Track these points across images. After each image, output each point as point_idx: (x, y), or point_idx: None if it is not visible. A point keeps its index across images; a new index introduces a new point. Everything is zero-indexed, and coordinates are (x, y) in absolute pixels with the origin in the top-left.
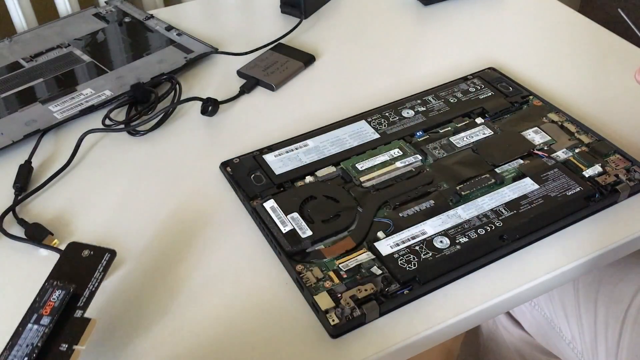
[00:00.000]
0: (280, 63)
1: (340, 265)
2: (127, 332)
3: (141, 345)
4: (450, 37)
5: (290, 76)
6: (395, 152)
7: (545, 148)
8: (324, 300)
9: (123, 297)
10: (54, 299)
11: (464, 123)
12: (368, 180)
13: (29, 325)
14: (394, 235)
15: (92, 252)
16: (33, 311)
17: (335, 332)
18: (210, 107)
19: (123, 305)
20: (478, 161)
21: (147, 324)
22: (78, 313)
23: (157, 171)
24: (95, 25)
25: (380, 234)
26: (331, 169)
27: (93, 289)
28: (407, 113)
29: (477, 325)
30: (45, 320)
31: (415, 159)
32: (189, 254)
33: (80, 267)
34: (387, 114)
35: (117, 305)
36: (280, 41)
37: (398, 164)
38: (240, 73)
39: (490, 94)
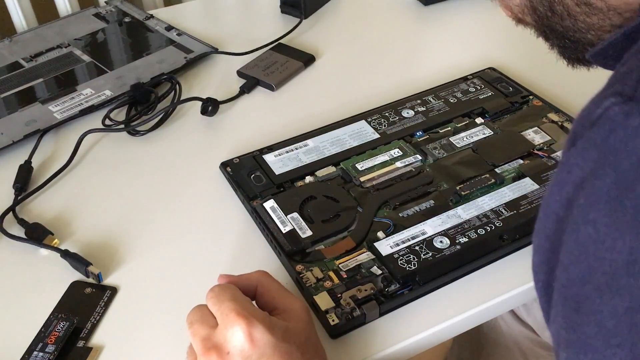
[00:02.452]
0: (280, 63)
1: (340, 265)
2: (130, 332)
3: (145, 345)
4: (450, 37)
5: (290, 76)
6: (395, 152)
7: (545, 148)
8: (323, 300)
9: (124, 298)
10: (59, 329)
11: (464, 123)
12: (368, 180)
13: (35, 352)
14: (394, 235)
15: (94, 290)
16: (39, 340)
17: (335, 332)
18: (210, 107)
19: (123, 305)
20: (478, 161)
21: (148, 323)
22: (80, 343)
23: (157, 171)
24: (95, 25)
25: (380, 234)
26: (331, 169)
27: (95, 321)
28: (407, 113)
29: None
30: (50, 348)
31: (415, 159)
32: (188, 254)
33: (83, 303)
34: (387, 114)
35: (117, 306)
36: (280, 41)
37: (398, 164)
38: (240, 73)
39: (490, 94)
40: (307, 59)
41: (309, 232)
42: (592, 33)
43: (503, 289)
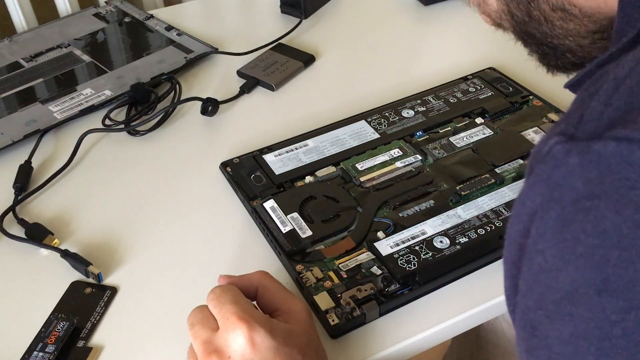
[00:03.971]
0: (280, 63)
1: (340, 265)
2: (130, 332)
3: (145, 345)
4: (450, 37)
5: (290, 76)
6: (395, 152)
7: None
8: (323, 300)
9: (124, 298)
10: (59, 329)
11: (464, 123)
12: (368, 180)
13: (35, 352)
14: (394, 235)
15: (94, 290)
16: (39, 340)
17: (335, 332)
18: (210, 107)
19: (123, 305)
20: (478, 161)
21: (148, 323)
22: (80, 343)
23: (157, 171)
24: (95, 25)
25: (380, 234)
26: (331, 169)
27: (95, 321)
28: (407, 113)
29: None
30: (50, 348)
31: (415, 159)
32: (188, 254)
33: (83, 303)
34: (387, 114)
35: (117, 306)
36: (280, 41)
37: (398, 164)
38: (240, 73)
39: (490, 94)
40: (307, 59)
41: (309, 232)
42: (569, 39)
43: (503, 289)
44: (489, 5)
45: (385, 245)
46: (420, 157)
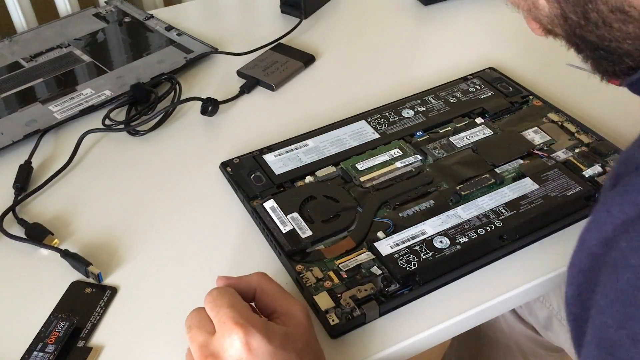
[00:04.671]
0: (280, 63)
1: (340, 265)
2: (130, 332)
3: (145, 345)
4: (450, 37)
5: (290, 76)
6: (395, 152)
7: (545, 148)
8: (323, 300)
9: (124, 298)
10: (59, 329)
11: (464, 123)
12: (368, 180)
13: (35, 352)
14: (394, 235)
15: (94, 290)
16: (39, 340)
17: (335, 332)
18: (210, 107)
19: (123, 305)
20: (478, 161)
21: (148, 323)
22: (80, 343)
23: (157, 171)
24: (95, 25)
25: (380, 234)
26: (331, 169)
27: (95, 321)
28: (407, 113)
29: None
30: (50, 348)
31: (415, 159)
32: (188, 254)
33: (83, 303)
34: (387, 114)
35: (117, 306)
36: (280, 41)
37: (398, 164)
38: (240, 73)
39: (490, 94)
40: (307, 59)
41: (309, 232)
42: (628, 42)
43: (503, 289)
44: (539, 10)
45: (385, 245)
46: (420, 157)
